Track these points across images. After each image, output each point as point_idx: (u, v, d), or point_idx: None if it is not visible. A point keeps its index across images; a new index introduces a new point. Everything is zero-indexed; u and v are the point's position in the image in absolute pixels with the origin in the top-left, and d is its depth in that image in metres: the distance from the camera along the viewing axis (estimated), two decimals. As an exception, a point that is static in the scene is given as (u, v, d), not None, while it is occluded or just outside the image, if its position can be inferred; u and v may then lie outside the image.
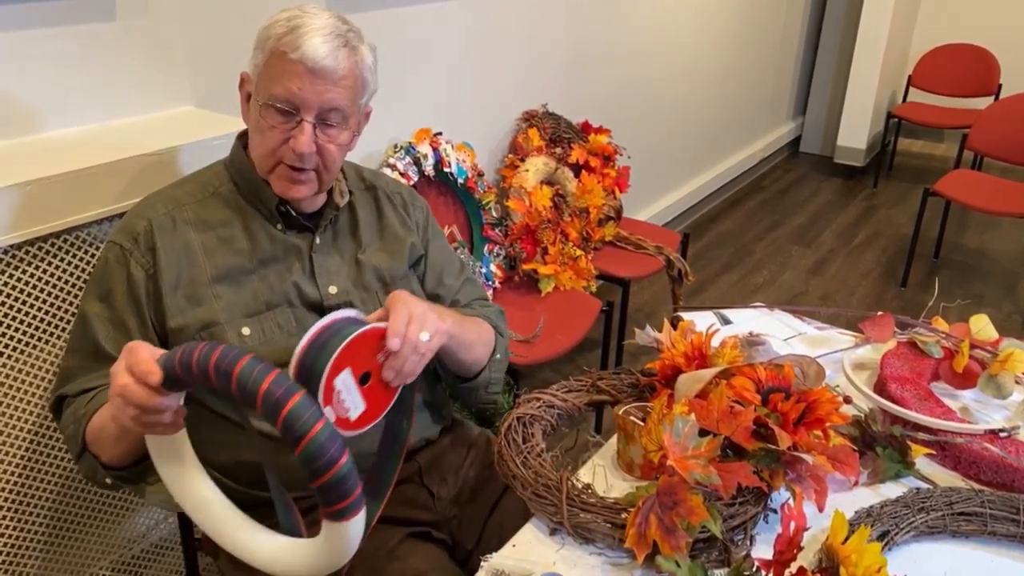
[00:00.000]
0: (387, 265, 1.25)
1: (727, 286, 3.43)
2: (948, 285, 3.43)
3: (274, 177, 1.12)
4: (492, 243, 2.32)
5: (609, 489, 1.02)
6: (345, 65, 1.08)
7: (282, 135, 1.09)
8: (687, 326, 1.18)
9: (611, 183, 2.66)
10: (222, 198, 1.16)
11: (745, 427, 0.93)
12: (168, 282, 1.10)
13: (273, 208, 1.15)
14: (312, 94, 1.07)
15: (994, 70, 4.47)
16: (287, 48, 1.05)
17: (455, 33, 2.23)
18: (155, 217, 1.12)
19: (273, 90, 1.07)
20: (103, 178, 1.26)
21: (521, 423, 1.07)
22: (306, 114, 1.08)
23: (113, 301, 1.10)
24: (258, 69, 1.09)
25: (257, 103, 1.10)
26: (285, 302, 1.15)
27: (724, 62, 4.01)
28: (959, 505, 0.96)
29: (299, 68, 1.05)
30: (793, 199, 4.46)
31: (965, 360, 1.21)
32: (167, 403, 0.87)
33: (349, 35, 1.10)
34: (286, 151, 1.09)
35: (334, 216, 1.21)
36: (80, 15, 1.34)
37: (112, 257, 1.11)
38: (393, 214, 1.29)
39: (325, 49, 1.05)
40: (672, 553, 0.84)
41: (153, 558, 1.59)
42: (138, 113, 1.46)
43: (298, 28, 1.05)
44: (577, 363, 2.72)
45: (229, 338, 1.10)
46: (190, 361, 0.81)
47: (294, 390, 0.78)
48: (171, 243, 1.11)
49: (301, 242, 1.18)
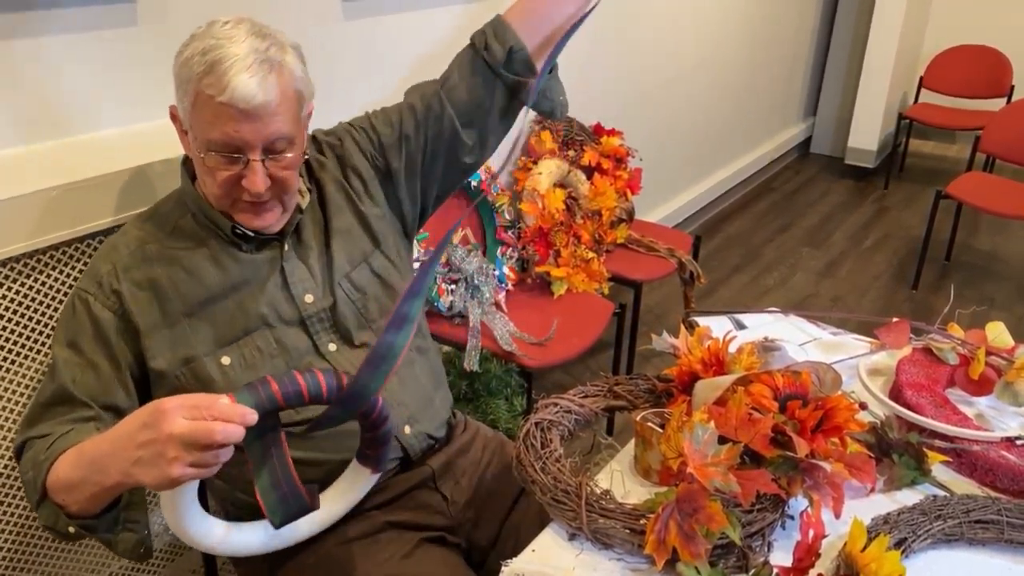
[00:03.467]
0: (351, 254, 1.20)
1: (738, 288, 3.43)
2: (960, 288, 3.42)
3: (236, 212, 1.09)
4: (505, 246, 2.33)
5: (627, 495, 1.03)
6: (276, 93, 1.01)
7: (231, 175, 1.04)
8: (703, 332, 1.18)
9: (623, 185, 2.67)
10: (183, 231, 1.13)
11: (764, 434, 0.94)
12: (144, 322, 1.08)
13: (230, 233, 1.12)
14: (251, 134, 1.01)
15: (1006, 72, 4.45)
16: (212, 91, 0.98)
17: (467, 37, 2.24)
18: (119, 260, 1.10)
19: (210, 136, 1.01)
20: (128, 182, 1.27)
21: (539, 428, 1.07)
22: (251, 153, 1.02)
23: (80, 345, 1.07)
24: (187, 112, 1.03)
25: (197, 149, 1.04)
26: (263, 324, 1.13)
27: (735, 63, 4.01)
28: (976, 513, 0.96)
29: (231, 111, 0.99)
30: (804, 200, 4.45)
31: (981, 367, 1.21)
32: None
33: (270, 52, 1.01)
34: (240, 190, 1.06)
35: (298, 220, 1.17)
36: (102, 21, 1.35)
37: (78, 303, 1.09)
38: (339, 170, 1.24)
39: (253, 84, 0.98)
40: (692, 559, 0.84)
41: (170, 557, 1.60)
42: (159, 118, 1.48)
43: (218, 65, 0.98)
44: (589, 365, 2.73)
45: (210, 370, 1.09)
46: (276, 395, 0.88)
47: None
48: (138, 283, 1.09)
49: (270, 254, 1.15)
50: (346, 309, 1.18)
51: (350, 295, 1.19)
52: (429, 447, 1.25)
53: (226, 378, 1.10)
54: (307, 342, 1.16)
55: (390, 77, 2.00)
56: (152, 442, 0.83)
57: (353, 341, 1.19)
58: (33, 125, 1.30)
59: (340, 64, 1.87)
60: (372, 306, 1.21)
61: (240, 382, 1.08)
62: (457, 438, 1.31)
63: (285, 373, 0.89)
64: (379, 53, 1.95)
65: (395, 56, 2.00)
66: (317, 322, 1.17)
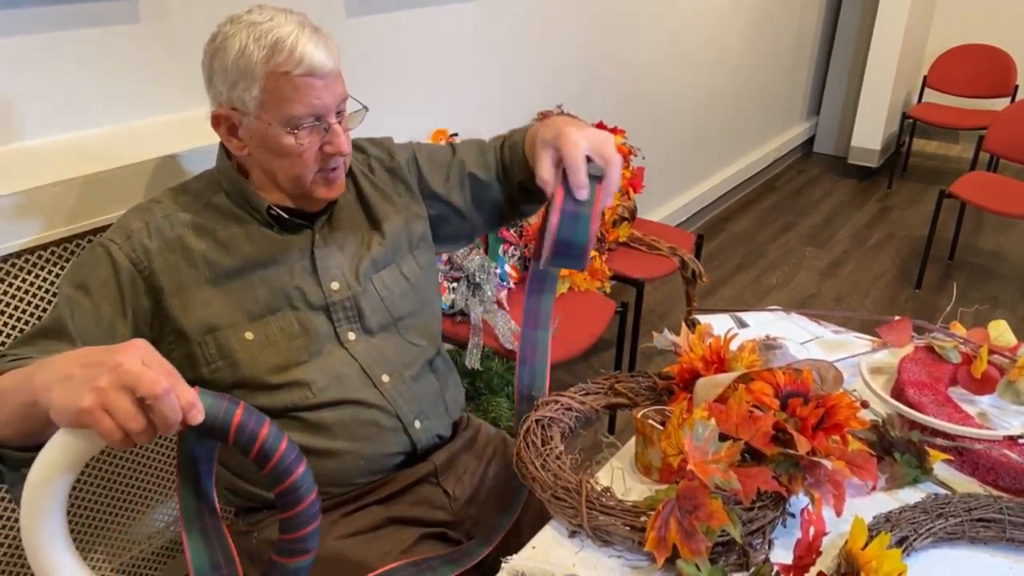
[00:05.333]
0: (384, 249, 1.22)
1: (740, 287, 3.43)
2: (963, 287, 3.42)
3: (315, 188, 1.12)
4: (507, 243, 2.32)
5: (627, 492, 1.03)
6: (336, 55, 1.07)
7: (317, 146, 1.08)
8: (704, 330, 1.18)
9: (625, 184, 2.67)
10: (217, 208, 1.15)
11: (764, 432, 0.93)
12: (169, 283, 1.08)
13: (265, 213, 1.14)
14: (330, 97, 1.07)
15: (1011, 71, 4.44)
16: (287, 67, 1.02)
17: (471, 34, 2.24)
18: (151, 219, 1.10)
19: (292, 112, 1.04)
20: (128, 179, 1.28)
21: (540, 425, 1.07)
22: (330, 117, 1.08)
23: (90, 287, 1.05)
24: (255, 101, 1.05)
25: (277, 132, 1.06)
26: (287, 305, 1.14)
27: (739, 62, 4.00)
28: (978, 511, 0.96)
29: (309, 81, 1.04)
30: (807, 200, 4.45)
31: (984, 366, 1.20)
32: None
33: (307, 20, 1.07)
34: (324, 159, 1.09)
35: (331, 209, 1.19)
36: (104, 18, 1.35)
37: (100, 250, 1.07)
38: (388, 180, 1.27)
39: (322, 52, 1.04)
40: (692, 557, 0.84)
41: (171, 554, 1.60)
42: (160, 114, 1.48)
43: (282, 43, 1.02)
44: (591, 364, 2.73)
45: (232, 342, 1.10)
46: (233, 419, 0.73)
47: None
48: (170, 245, 1.09)
49: (302, 240, 1.17)
50: (372, 302, 1.20)
51: (379, 290, 1.21)
52: (435, 445, 1.25)
53: (248, 352, 1.10)
54: (329, 328, 1.17)
55: (392, 74, 2.00)
56: (96, 364, 0.69)
57: (373, 333, 1.20)
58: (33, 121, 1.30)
59: (342, 61, 1.86)
60: (398, 303, 1.23)
61: (260, 358, 1.10)
62: (460, 435, 1.32)
63: (256, 415, 0.75)
64: (381, 50, 1.95)
65: (397, 54, 1.99)
66: (341, 310, 1.17)
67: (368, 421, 1.16)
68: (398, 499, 1.20)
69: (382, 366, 1.19)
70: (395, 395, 1.19)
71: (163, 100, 1.48)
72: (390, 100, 2.00)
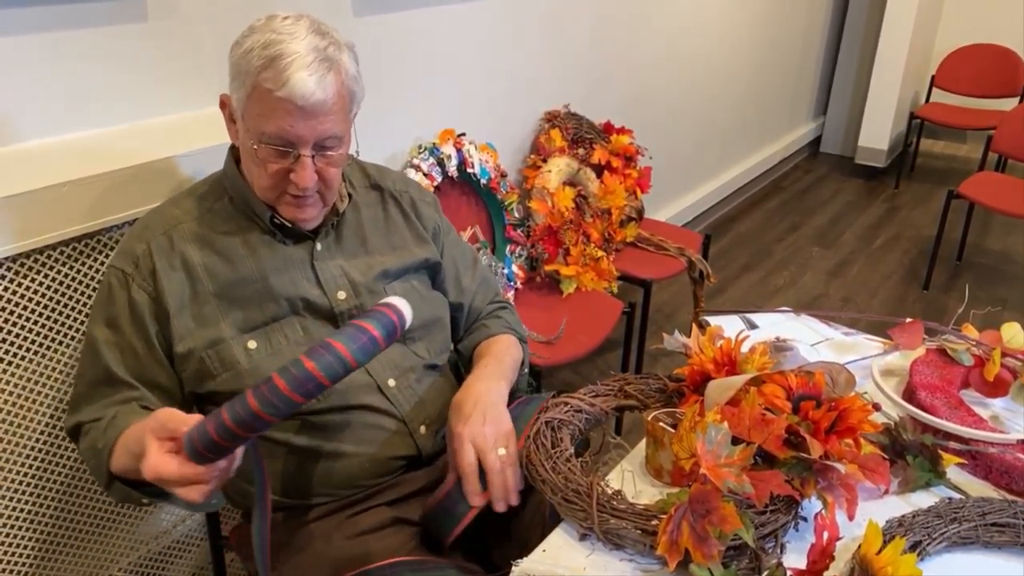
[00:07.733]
0: (396, 265, 1.24)
1: (747, 287, 3.42)
2: (972, 289, 3.40)
3: (280, 204, 1.12)
4: (514, 244, 2.32)
5: (638, 495, 1.02)
6: (333, 92, 1.03)
7: (281, 169, 1.07)
8: (715, 331, 1.17)
9: (633, 184, 2.66)
10: (219, 214, 1.15)
11: (777, 435, 0.93)
12: (173, 304, 1.09)
13: (267, 222, 1.14)
14: (305, 130, 1.03)
15: (1019, 71, 4.42)
16: (271, 85, 1.00)
17: (478, 34, 2.23)
18: (153, 239, 1.11)
19: (264, 128, 1.03)
20: (134, 180, 1.27)
21: (550, 427, 1.07)
22: (303, 148, 1.05)
23: (119, 325, 1.09)
24: (242, 103, 1.05)
25: (248, 139, 1.06)
26: (291, 312, 1.14)
27: (745, 62, 3.99)
28: (992, 516, 0.95)
29: (288, 106, 1.01)
30: (814, 200, 4.43)
31: (996, 368, 1.20)
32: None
33: (329, 50, 1.03)
34: (288, 184, 1.08)
35: (335, 221, 1.20)
36: (111, 16, 1.35)
37: (115, 282, 1.10)
38: (400, 217, 1.28)
39: (312, 82, 1.00)
40: (704, 561, 0.84)
41: (178, 554, 1.60)
42: (168, 113, 1.47)
43: (278, 60, 0.99)
44: (598, 364, 2.72)
45: (235, 353, 1.10)
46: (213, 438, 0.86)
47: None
48: (171, 263, 1.10)
49: (302, 251, 1.17)
50: None
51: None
52: (442, 449, 1.25)
53: (251, 362, 1.11)
54: None
55: (399, 73, 1.99)
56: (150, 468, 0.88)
57: None
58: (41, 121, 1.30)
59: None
60: None
61: (264, 367, 1.10)
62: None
63: (236, 406, 0.87)
64: (388, 49, 1.95)
65: (404, 52, 1.99)
66: (348, 319, 1.17)
67: (374, 425, 1.16)
68: (405, 501, 1.20)
69: (388, 371, 1.19)
70: (401, 400, 1.19)
71: (171, 99, 1.47)
72: (397, 99, 2.00)
